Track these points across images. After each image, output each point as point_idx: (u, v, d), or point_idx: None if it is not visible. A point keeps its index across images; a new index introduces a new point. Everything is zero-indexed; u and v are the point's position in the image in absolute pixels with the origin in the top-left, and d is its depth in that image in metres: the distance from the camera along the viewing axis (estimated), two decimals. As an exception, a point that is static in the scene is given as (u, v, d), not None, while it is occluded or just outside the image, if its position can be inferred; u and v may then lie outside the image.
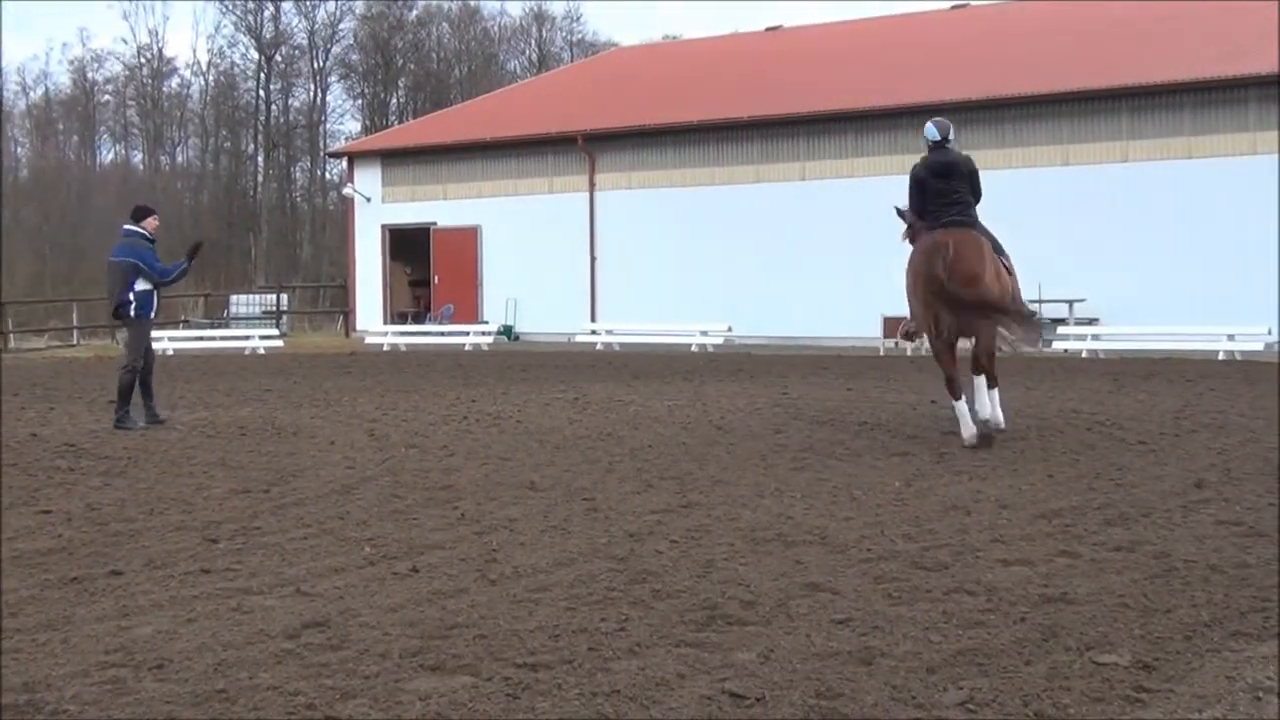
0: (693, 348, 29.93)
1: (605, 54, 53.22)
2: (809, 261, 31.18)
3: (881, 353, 27.21)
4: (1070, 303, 27.99)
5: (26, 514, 9.03)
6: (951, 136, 12.82)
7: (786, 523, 8.23)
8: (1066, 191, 28.92)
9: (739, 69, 38.20)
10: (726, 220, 32.57)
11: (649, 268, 33.51)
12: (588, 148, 34.72)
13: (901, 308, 13.92)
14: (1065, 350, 26.39)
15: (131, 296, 14.57)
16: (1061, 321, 27.97)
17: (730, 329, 30.69)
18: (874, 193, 29.50)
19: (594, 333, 33.03)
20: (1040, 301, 28.30)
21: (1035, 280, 27.94)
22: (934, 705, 4.75)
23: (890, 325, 27.54)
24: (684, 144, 33.79)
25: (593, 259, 34.83)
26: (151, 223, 14.96)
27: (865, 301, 28.67)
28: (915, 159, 13.06)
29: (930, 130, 12.88)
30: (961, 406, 12.07)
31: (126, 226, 14.87)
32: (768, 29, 44.57)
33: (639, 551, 7.42)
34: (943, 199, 12.45)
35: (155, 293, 14.79)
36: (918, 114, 30.30)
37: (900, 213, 13.97)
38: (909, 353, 25.13)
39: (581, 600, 6.32)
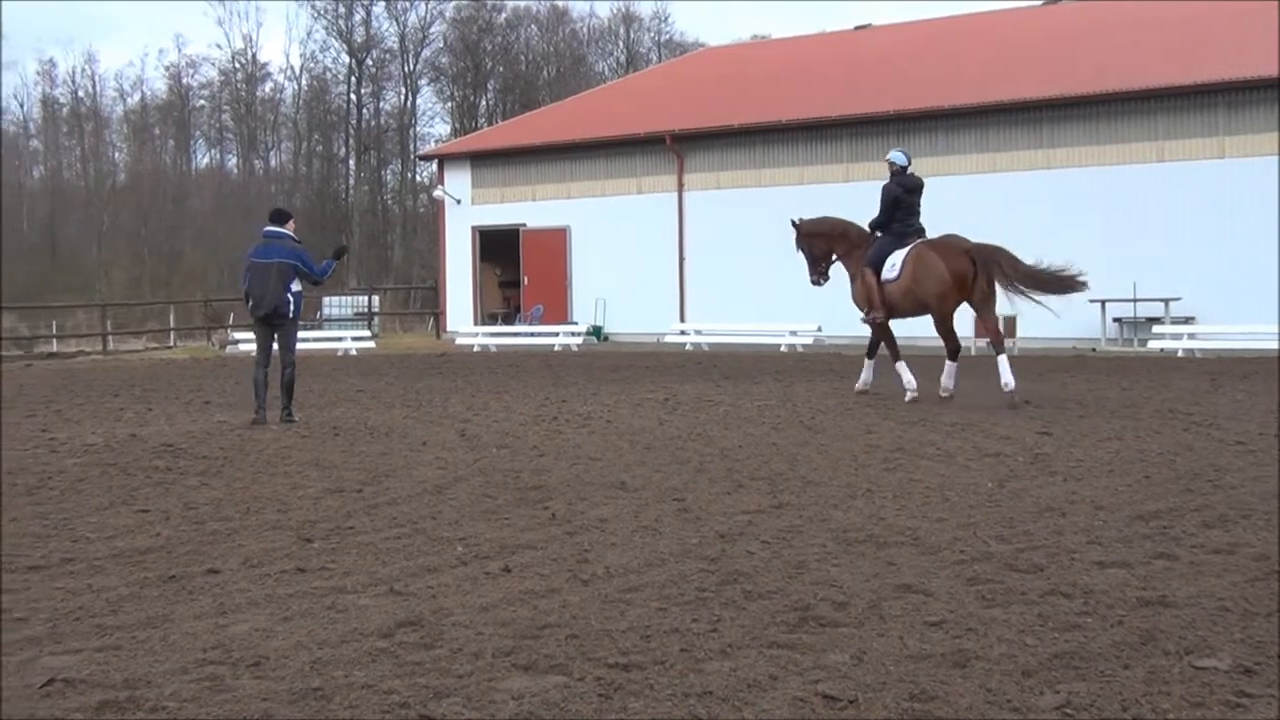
0: (782, 348, 29.84)
1: (693, 54, 53.17)
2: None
3: (973, 352, 26.94)
4: (1166, 301, 27.59)
5: (126, 513, 9.18)
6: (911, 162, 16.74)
7: (878, 524, 8.17)
8: (1162, 188, 28.49)
9: (828, 68, 38.06)
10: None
11: (738, 267, 33.44)
12: (676, 148, 34.73)
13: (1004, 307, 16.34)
14: (1161, 349, 26.02)
15: (290, 297, 14.93)
16: (1157, 320, 27.58)
17: (820, 329, 30.52)
18: (965, 191, 29.34)
19: (683, 333, 33.02)
20: (1135, 300, 27.95)
21: (1131, 278, 27.63)
22: (1030, 709, 4.69)
23: (980, 325, 27.24)
24: (773, 143, 33.70)
25: (681, 259, 34.83)
26: (292, 225, 15.25)
27: (956, 300, 28.41)
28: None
29: (900, 157, 16.76)
30: (902, 365, 16.51)
31: (271, 229, 15.06)
32: (857, 27, 44.35)
33: (730, 552, 7.40)
34: (910, 213, 16.35)
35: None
36: (1009, 112, 30.14)
37: (795, 224, 17.99)
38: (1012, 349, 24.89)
39: (673, 601, 6.32)
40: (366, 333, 36.52)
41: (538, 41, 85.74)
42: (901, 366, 16.57)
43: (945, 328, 16.08)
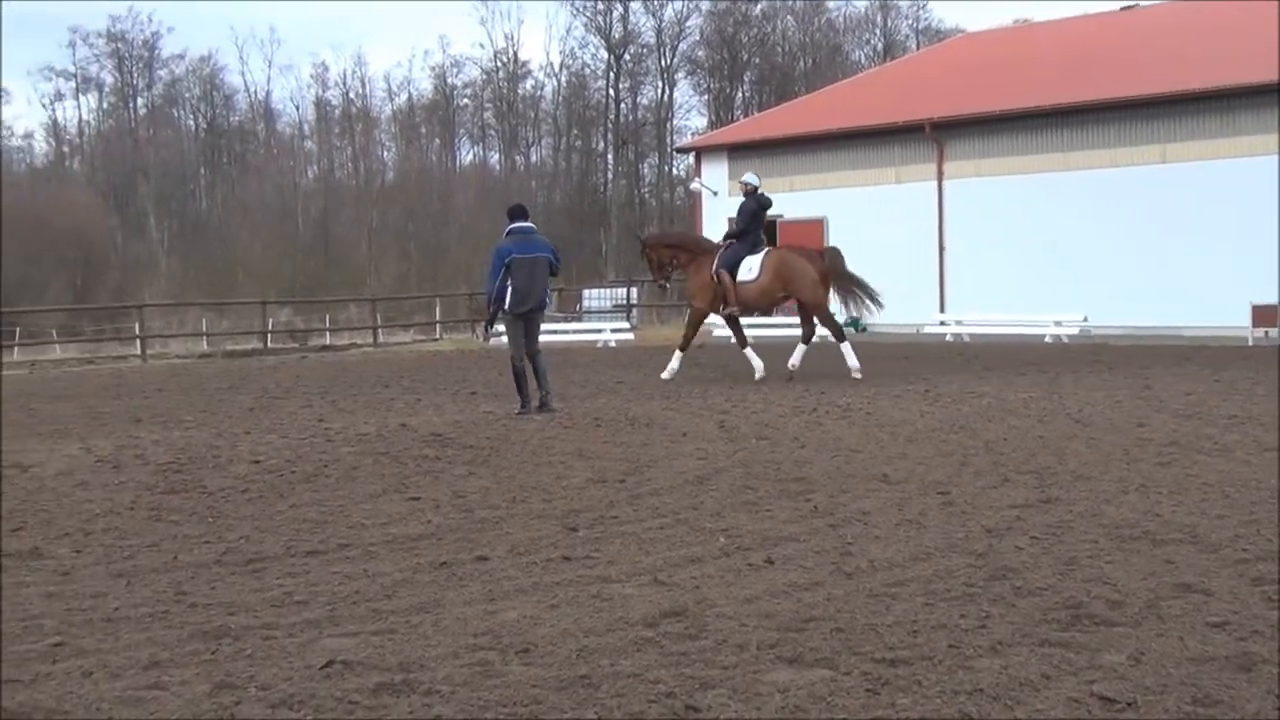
0: (1046, 338, 29.10)
1: (953, 40, 52.23)
2: (1169, 248, 29.85)
3: (1250, 343, 25.86)
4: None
5: (398, 500, 9.46)
6: None
7: (1153, 520, 7.89)
8: None
9: (1093, 51, 36.89)
10: (1080, 206, 31.51)
11: (999, 257, 32.72)
12: (936, 136, 34.18)
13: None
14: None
15: (548, 290, 15.58)
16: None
17: (1085, 319, 29.69)
18: (1242, 175, 28.15)
19: (943, 324, 32.51)
20: None
21: None
22: (1324, 717, 4.46)
23: (1260, 314, 26.14)
24: (1036, 129, 32.86)
25: (941, 249, 34.27)
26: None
27: (1231, 289, 27.32)
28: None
29: (754, 178, 20.12)
30: (749, 351, 19.78)
31: (522, 224, 15.36)
32: (1123, 8, 42.91)
33: (998, 547, 7.24)
34: (760, 225, 19.90)
35: None
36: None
37: (640, 238, 21.69)
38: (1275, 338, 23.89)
39: (940, 596, 6.20)
40: (625, 325, 36.91)
41: (794, 32, 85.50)
42: (749, 352, 19.76)
43: (823, 314, 19.45)
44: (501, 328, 16.52)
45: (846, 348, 19.40)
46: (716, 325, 35.52)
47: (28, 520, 8.95)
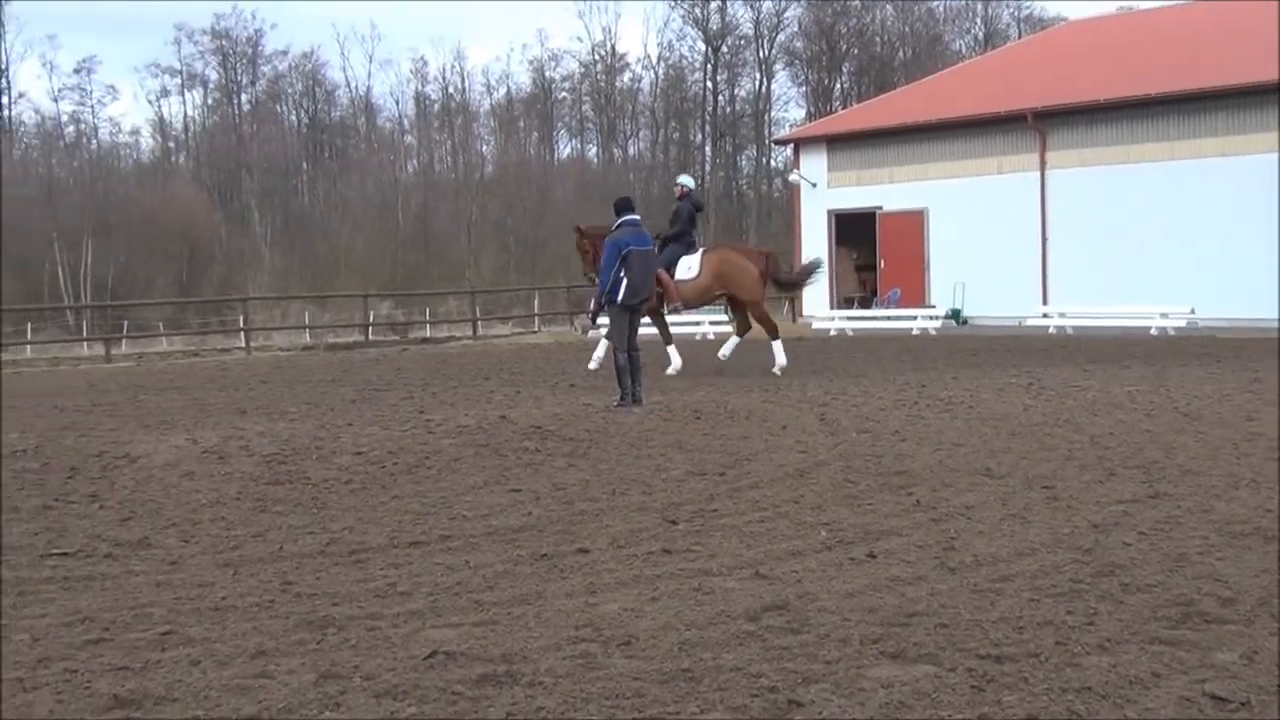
0: (1152, 330, 28.63)
1: (1056, 29, 51.53)
2: (1280, 238, 29.24)
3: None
4: None
5: (499, 492, 9.50)
6: None
7: (1265, 516, 7.74)
8: None
9: (1200, 37, 36.22)
10: (1188, 197, 30.95)
11: (1104, 248, 32.23)
12: (1038, 125, 33.74)
13: None
14: None
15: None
16: None
17: (1193, 311, 29.14)
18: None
19: (1045, 315, 32.09)
20: None
21: None
22: None
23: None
24: (1141, 118, 32.32)
25: (1044, 240, 33.83)
26: None
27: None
28: None
29: (689, 180, 20.79)
30: (672, 348, 20.02)
31: (633, 217, 15.41)
32: (1232, -6, 42.08)
33: (1105, 543, 7.13)
34: (694, 225, 20.17)
35: None
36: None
37: (579, 228, 20.68)
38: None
39: (1045, 592, 6.12)
40: (724, 317, 36.79)
41: (893, 22, 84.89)
42: (671, 349, 20.05)
43: (760, 313, 19.86)
44: (603, 320, 16.51)
45: (777, 345, 19.87)
46: (815, 318, 35.42)
47: (136, 510, 9.10)
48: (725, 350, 20.58)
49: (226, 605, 6.32)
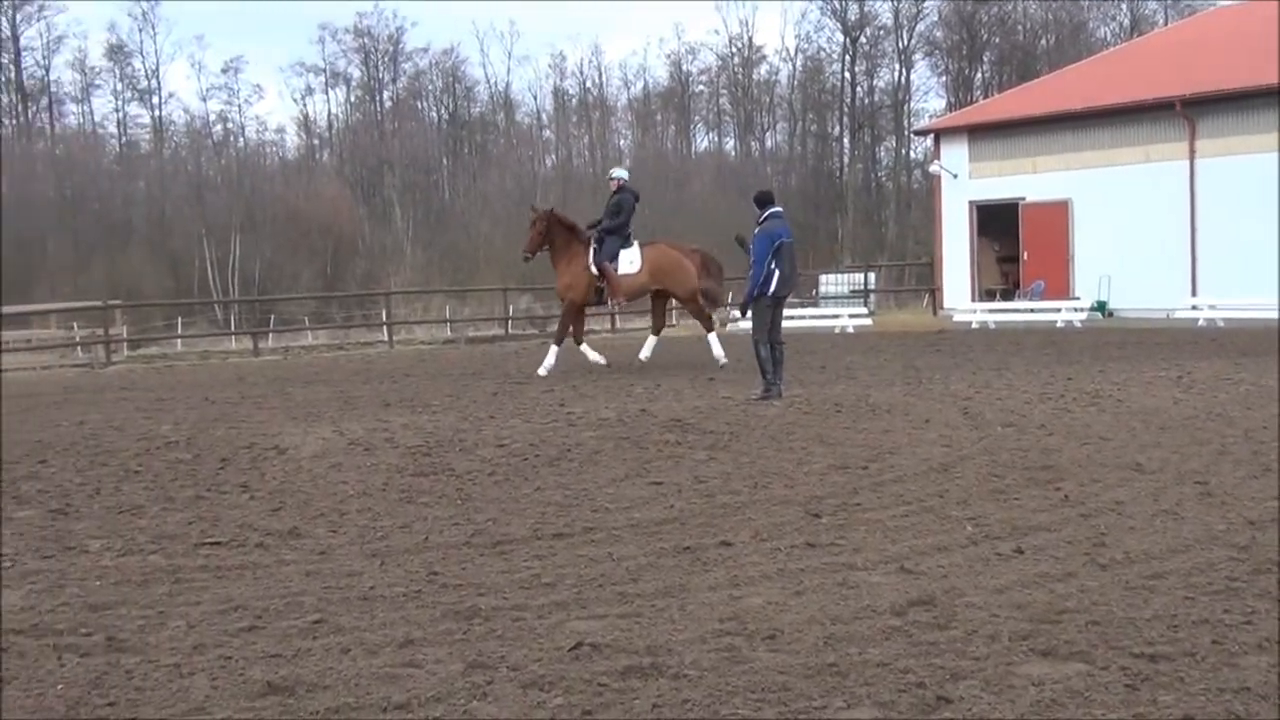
0: (1306, 323, 27.83)
1: (1205, 14, 50.33)
2: None
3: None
4: None
5: (640, 484, 9.53)
6: None
7: None
8: None
9: (1359, 20, 35.11)
10: (1345, 184, 30.03)
11: (1256, 238, 31.38)
12: (1187, 113, 32.96)
13: None
14: None
15: None
16: None
17: (1349, 302, 28.28)
18: None
19: (1194, 308, 31.35)
20: None
21: None
22: None
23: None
24: (1295, 104, 31.42)
25: (1193, 230, 33.03)
26: None
27: None
28: None
29: (624, 173, 20.78)
30: (586, 346, 20.72)
31: (777, 209, 15.40)
32: (1392, -26, 40.76)
33: (1261, 540, 6.95)
34: (630, 218, 20.02)
35: None
36: None
37: (551, 210, 20.65)
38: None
39: (1200, 590, 5.98)
40: (863, 310, 36.56)
41: (1035, 10, 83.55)
42: (585, 348, 20.65)
43: (696, 308, 20.31)
44: (737, 312, 16.54)
45: (713, 338, 20.45)
46: (956, 311, 35.01)
47: (285, 501, 9.28)
48: (645, 352, 20.91)
49: (375, 595, 6.42)
